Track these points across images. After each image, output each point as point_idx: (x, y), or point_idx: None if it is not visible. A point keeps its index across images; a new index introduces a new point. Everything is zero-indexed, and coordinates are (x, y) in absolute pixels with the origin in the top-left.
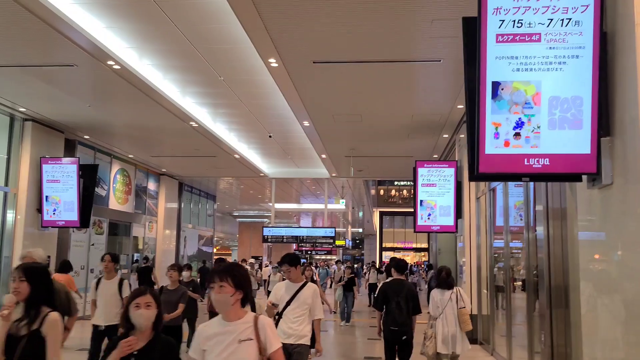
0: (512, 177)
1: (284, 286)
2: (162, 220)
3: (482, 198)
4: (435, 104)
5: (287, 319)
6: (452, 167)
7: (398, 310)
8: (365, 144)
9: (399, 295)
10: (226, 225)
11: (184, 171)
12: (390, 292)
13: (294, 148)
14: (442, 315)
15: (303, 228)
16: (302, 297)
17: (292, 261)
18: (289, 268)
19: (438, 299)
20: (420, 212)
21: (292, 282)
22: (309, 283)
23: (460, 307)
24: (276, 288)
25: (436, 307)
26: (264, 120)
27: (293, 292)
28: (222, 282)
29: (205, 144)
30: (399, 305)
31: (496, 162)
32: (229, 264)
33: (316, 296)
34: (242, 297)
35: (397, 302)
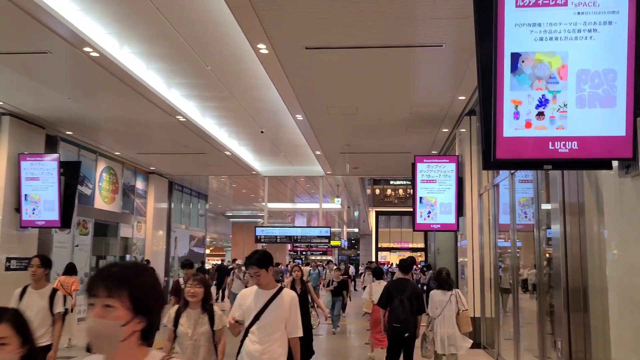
0: (534, 164)
1: (252, 295)
2: (151, 220)
3: (485, 195)
4: (435, 95)
5: (256, 338)
6: (453, 162)
7: (401, 307)
8: (361, 139)
9: (402, 294)
10: (219, 226)
11: (174, 169)
12: (394, 291)
13: (288, 145)
14: (441, 316)
15: (297, 228)
16: (275, 308)
17: (261, 261)
18: (258, 270)
19: (438, 299)
20: (419, 210)
21: (262, 289)
22: (285, 290)
23: (462, 309)
24: (241, 297)
25: (435, 307)
26: (255, 115)
27: (264, 302)
28: (109, 299)
29: (194, 140)
30: (402, 303)
31: (516, 146)
32: (127, 265)
33: (294, 307)
34: (144, 327)
35: (401, 300)
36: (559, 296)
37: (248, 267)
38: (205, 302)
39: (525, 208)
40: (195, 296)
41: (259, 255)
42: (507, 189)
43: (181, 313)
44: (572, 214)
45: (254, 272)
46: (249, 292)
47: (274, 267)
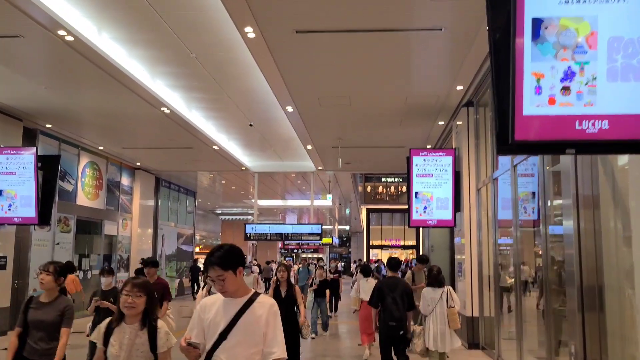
0: (557, 147)
1: (216, 305)
2: (137, 217)
3: (484, 189)
4: (431, 85)
5: None
6: (450, 155)
7: (395, 305)
8: (353, 133)
9: (394, 292)
10: (209, 224)
11: (160, 165)
12: (386, 289)
13: (278, 139)
14: (433, 313)
15: (288, 225)
16: (248, 323)
17: (227, 260)
18: (222, 273)
19: (429, 297)
20: (415, 205)
21: (229, 298)
22: (262, 297)
23: (449, 306)
24: (200, 309)
25: (427, 305)
26: (244, 107)
27: (231, 315)
28: None
29: (180, 134)
30: (395, 301)
31: (538, 126)
32: None
33: (274, 319)
34: None
35: (393, 297)
36: (573, 295)
37: (208, 268)
38: (147, 316)
39: (525, 203)
40: (134, 307)
41: (223, 253)
42: (506, 183)
43: (113, 329)
44: (586, 208)
45: (216, 275)
46: (212, 301)
47: (266, 265)
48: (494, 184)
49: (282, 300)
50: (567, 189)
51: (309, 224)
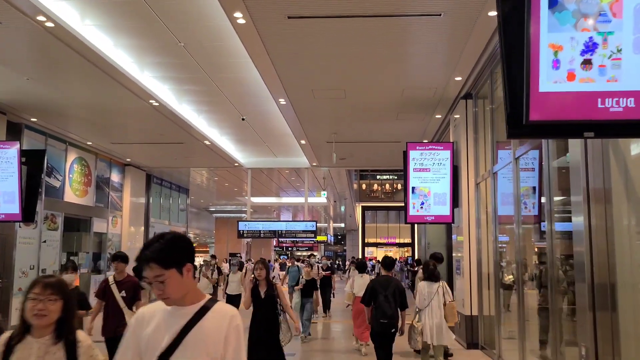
0: (575, 129)
1: (156, 317)
2: (127, 214)
3: (483, 184)
4: (429, 75)
5: None
6: (448, 149)
7: (387, 303)
8: (349, 127)
9: (386, 290)
10: (202, 222)
11: (151, 161)
12: (378, 287)
13: (271, 134)
14: (429, 307)
15: (282, 222)
16: (198, 340)
17: (168, 256)
18: (162, 273)
19: (426, 291)
20: (412, 201)
21: (174, 306)
22: (219, 305)
23: (449, 300)
24: (136, 323)
25: (423, 299)
26: (235, 100)
27: (176, 329)
28: None
29: (171, 128)
30: (387, 299)
31: (556, 103)
32: None
33: (235, 336)
34: None
35: (385, 296)
36: (583, 294)
37: (142, 265)
38: (62, 326)
39: (525, 198)
40: (45, 316)
41: (163, 245)
42: (506, 177)
43: (14, 345)
44: (597, 203)
45: (153, 275)
46: (150, 312)
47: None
48: (493, 179)
49: (262, 301)
50: (577, 183)
51: (303, 221)
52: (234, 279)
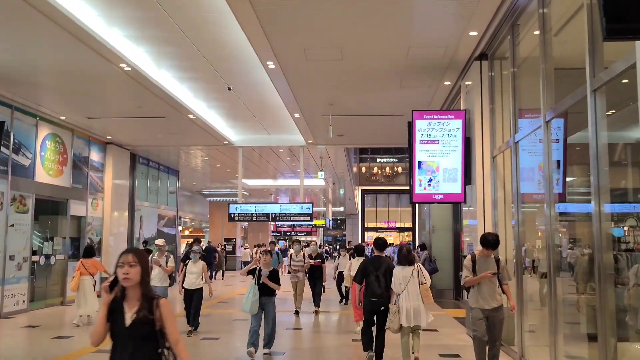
0: None
1: None
2: (109, 197)
3: (500, 157)
4: (440, 29)
5: None
6: (460, 118)
7: (377, 283)
8: (346, 96)
9: (377, 270)
10: (196, 206)
11: (134, 139)
12: (370, 267)
13: (263, 108)
14: (405, 290)
15: (276, 204)
16: None
17: None
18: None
19: (401, 275)
20: (418, 177)
21: None
22: None
23: (421, 282)
24: None
25: (399, 283)
26: (220, 66)
27: None
28: None
29: (149, 99)
30: (378, 279)
31: None
32: None
33: None
34: None
35: (376, 276)
36: None
37: None
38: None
39: None
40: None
41: None
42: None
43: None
44: None
45: None
46: None
47: (259, 247)
48: (514, 150)
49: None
50: None
51: (298, 203)
52: (193, 270)
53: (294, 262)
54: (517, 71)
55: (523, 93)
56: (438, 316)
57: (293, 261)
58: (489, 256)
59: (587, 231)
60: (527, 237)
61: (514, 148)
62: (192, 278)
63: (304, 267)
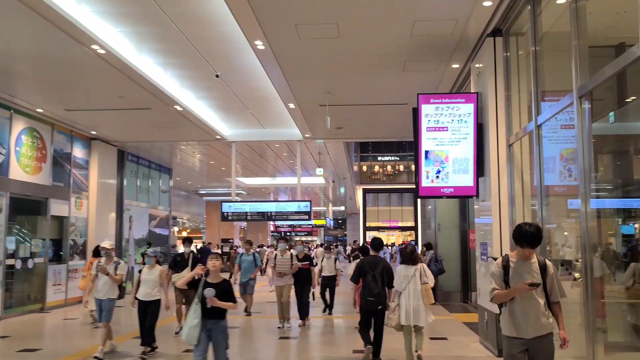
0: None
1: None
2: (95, 196)
3: (517, 145)
4: (448, 1)
5: None
6: (471, 102)
7: (374, 282)
8: (344, 83)
9: (374, 270)
10: (193, 206)
11: (120, 134)
12: (367, 267)
13: (255, 98)
14: (407, 289)
15: (271, 202)
16: None
17: None
18: None
19: (403, 274)
20: (425, 169)
21: None
22: None
23: (423, 282)
24: None
25: (401, 282)
26: (206, 50)
27: None
28: None
29: (130, 88)
30: (375, 279)
31: None
32: None
33: None
34: None
35: (373, 275)
36: None
37: None
38: None
39: (570, 163)
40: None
41: None
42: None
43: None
44: None
45: None
46: None
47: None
48: (536, 135)
49: None
50: None
51: (295, 201)
52: (148, 278)
53: (279, 263)
54: (539, 46)
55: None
56: (447, 322)
57: (278, 263)
58: (530, 259)
59: None
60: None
61: (536, 132)
62: (146, 288)
63: (291, 270)
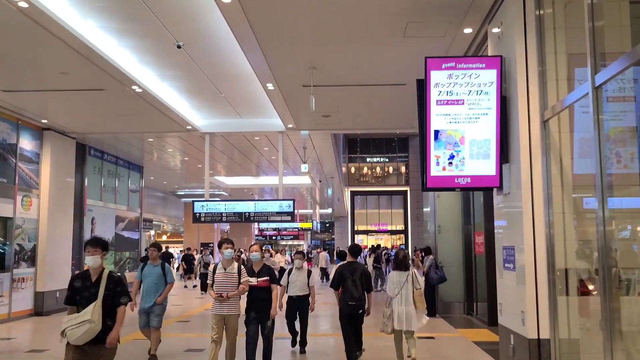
0: None
1: None
2: (47, 194)
3: (555, 121)
4: None
5: None
6: (494, 67)
7: (354, 287)
8: (332, 56)
9: (353, 275)
10: (170, 208)
11: (77, 124)
12: (346, 273)
13: (228, 77)
14: (399, 295)
15: (250, 202)
16: None
17: None
18: None
19: (396, 279)
20: (434, 153)
21: None
22: None
23: (416, 287)
24: None
25: (394, 287)
26: (163, 12)
27: None
28: None
29: (73, 60)
30: (355, 283)
31: None
32: None
33: None
34: None
35: (353, 280)
36: None
37: None
38: None
39: (619, 146)
40: None
41: None
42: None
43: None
44: None
45: None
46: None
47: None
48: (593, 101)
49: None
50: None
51: (277, 200)
52: None
53: (219, 280)
54: None
55: (606, 32)
56: (453, 341)
57: (218, 279)
58: None
59: None
60: (621, 239)
61: (594, 97)
62: None
63: (238, 291)
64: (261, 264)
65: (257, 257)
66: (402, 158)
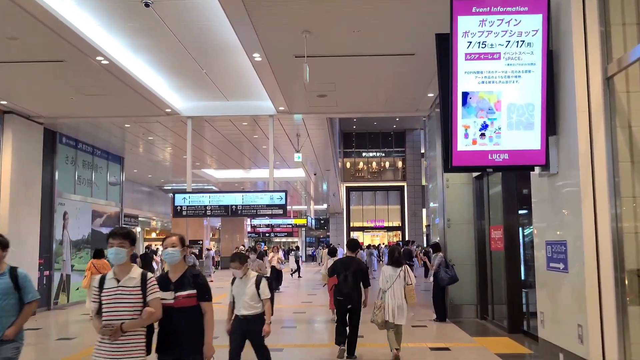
0: None
1: None
2: (8, 186)
3: (622, 77)
4: None
5: None
6: (539, 11)
7: (345, 282)
8: (329, 12)
9: (347, 270)
10: (158, 205)
11: (42, 106)
12: (340, 267)
13: (208, 46)
14: (391, 289)
15: (237, 193)
16: None
17: None
18: None
19: (389, 274)
20: (462, 122)
21: None
22: None
23: (407, 283)
24: None
25: (386, 281)
26: None
27: None
28: None
29: (21, 21)
30: (346, 279)
31: None
32: None
33: None
34: None
35: (345, 275)
36: None
37: None
38: None
39: None
40: None
41: None
42: None
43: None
44: None
45: None
46: None
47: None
48: None
49: None
50: None
51: (267, 191)
52: None
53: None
54: None
55: None
56: (471, 351)
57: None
58: None
59: None
60: None
61: None
62: None
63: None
64: (182, 268)
65: (174, 256)
66: (399, 153)
